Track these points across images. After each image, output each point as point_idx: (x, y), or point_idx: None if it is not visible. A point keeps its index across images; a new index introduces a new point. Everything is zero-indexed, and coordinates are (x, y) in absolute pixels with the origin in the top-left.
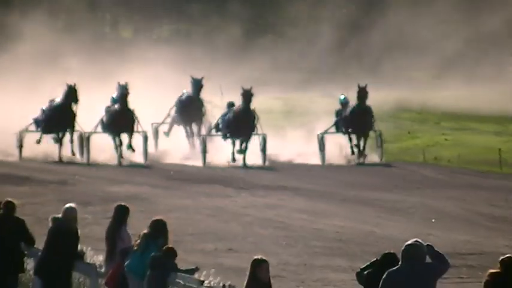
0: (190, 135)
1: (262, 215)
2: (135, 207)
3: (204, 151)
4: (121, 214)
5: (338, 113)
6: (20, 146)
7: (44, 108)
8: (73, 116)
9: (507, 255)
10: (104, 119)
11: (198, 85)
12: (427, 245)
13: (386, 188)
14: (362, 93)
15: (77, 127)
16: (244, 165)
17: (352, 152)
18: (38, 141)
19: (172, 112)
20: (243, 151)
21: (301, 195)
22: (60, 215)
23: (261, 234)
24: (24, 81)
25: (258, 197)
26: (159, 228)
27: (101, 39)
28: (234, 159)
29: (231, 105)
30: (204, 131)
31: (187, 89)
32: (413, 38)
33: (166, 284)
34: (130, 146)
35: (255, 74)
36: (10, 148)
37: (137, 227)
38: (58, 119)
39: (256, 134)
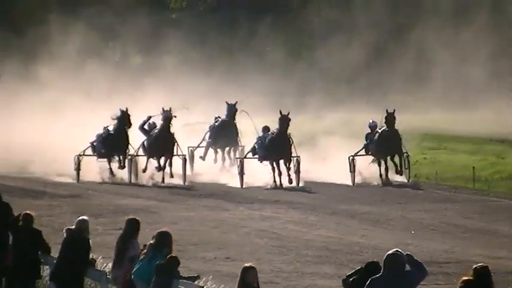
0: (223, 158)
1: (258, 226)
2: (142, 219)
3: (242, 173)
4: (132, 226)
5: (367, 137)
6: (78, 169)
7: (100, 133)
8: (127, 140)
9: (479, 264)
10: (146, 143)
11: (232, 110)
12: (407, 254)
13: (371, 202)
14: (390, 118)
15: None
16: (281, 186)
17: (381, 175)
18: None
19: (207, 137)
20: (281, 172)
21: (295, 208)
22: (73, 226)
23: (257, 244)
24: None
25: (254, 210)
26: (164, 239)
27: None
28: (275, 181)
29: (266, 129)
30: (238, 154)
31: (221, 114)
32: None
33: None
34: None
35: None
36: (68, 170)
37: (145, 237)
38: (113, 144)
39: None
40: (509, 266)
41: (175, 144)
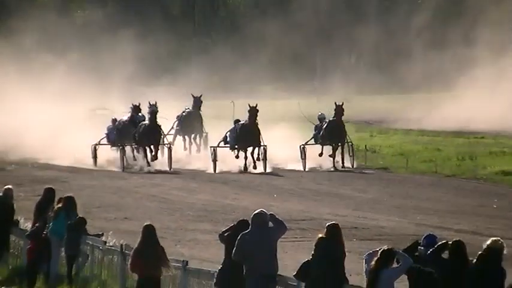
0: (189, 144)
1: (149, 192)
2: (55, 186)
3: (215, 160)
4: (49, 194)
5: (316, 128)
6: (95, 157)
7: (115, 124)
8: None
9: (331, 222)
10: (137, 134)
11: (198, 102)
12: (270, 213)
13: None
14: (338, 110)
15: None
16: (245, 170)
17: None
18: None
19: (175, 125)
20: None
21: (178, 177)
22: (0, 194)
23: (148, 206)
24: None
25: (146, 179)
26: (71, 203)
27: None
28: (245, 168)
29: (237, 121)
30: (202, 141)
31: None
32: None
33: (79, 243)
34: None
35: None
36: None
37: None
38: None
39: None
40: (352, 222)
41: (162, 134)
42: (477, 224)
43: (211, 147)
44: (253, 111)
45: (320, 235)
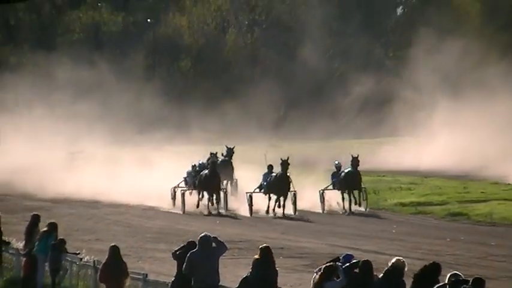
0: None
1: (116, 218)
2: (41, 214)
3: (251, 204)
4: (35, 219)
5: (333, 175)
6: (173, 198)
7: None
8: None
9: (264, 245)
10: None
11: (230, 151)
12: (213, 236)
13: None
14: (354, 161)
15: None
16: (284, 216)
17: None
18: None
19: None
20: (283, 206)
21: (137, 208)
22: None
23: (116, 230)
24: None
25: (114, 208)
26: (53, 227)
27: None
28: (274, 212)
29: (270, 167)
30: (232, 187)
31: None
32: None
33: (61, 260)
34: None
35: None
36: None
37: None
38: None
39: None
40: (280, 243)
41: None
42: (380, 245)
43: (247, 193)
44: (285, 164)
45: (256, 256)
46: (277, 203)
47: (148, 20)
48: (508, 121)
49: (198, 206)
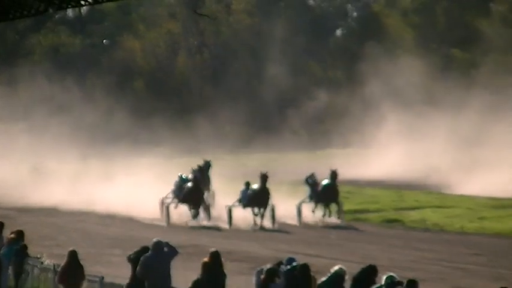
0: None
1: (75, 226)
2: (5, 222)
3: (230, 217)
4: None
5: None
6: (161, 209)
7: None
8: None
9: (213, 249)
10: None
11: (207, 165)
12: (166, 242)
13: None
14: (333, 175)
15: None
16: (261, 228)
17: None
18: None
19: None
20: (261, 217)
21: (95, 217)
22: None
23: (73, 236)
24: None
25: (73, 217)
26: (19, 235)
27: None
28: (255, 224)
29: (247, 184)
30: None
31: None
32: None
33: (23, 263)
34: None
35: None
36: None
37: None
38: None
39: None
40: (226, 248)
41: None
42: (320, 250)
43: (226, 206)
44: (264, 178)
45: (205, 259)
46: (258, 215)
47: (104, 41)
48: (452, 132)
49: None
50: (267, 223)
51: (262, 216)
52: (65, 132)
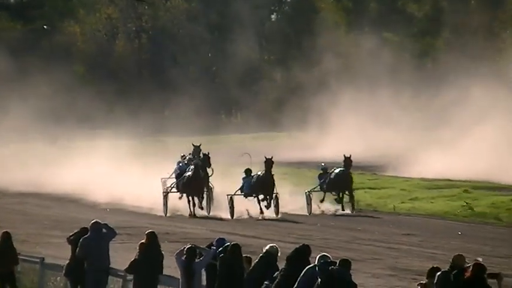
0: None
1: (17, 208)
2: None
3: (232, 206)
4: None
5: (320, 177)
6: (165, 204)
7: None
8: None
9: (149, 230)
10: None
11: (198, 151)
12: (104, 223)
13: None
14: (347, 162)
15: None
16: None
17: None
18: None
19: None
20: (268, 207)
21: (37, 198)
22: None
23: (17, 219)
24: None
25: (14, 198)
26: None
27: None
28: (262, 212)
29: (248, 170)
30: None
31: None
32: None
33: None
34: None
35: None
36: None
37: None
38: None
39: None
40: (165, 229)
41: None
42: (257, 231)
43: (228, 195)
44: (269, 163)
45: (142, 241)
46: (264, 204)
47: (45, 27)
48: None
49: (180, 198)
50: (267, 212)
51: (269, 204)
52: (8, 117)
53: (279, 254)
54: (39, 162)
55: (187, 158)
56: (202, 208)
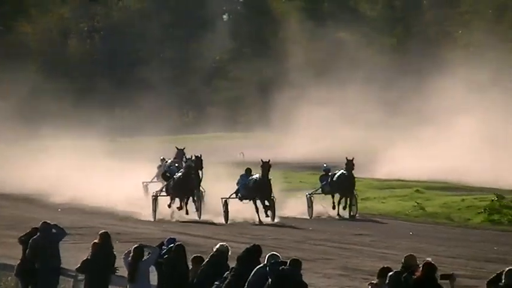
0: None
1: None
2: None
3: (227, 211)
4: None
5: (322, 179)
6: (154, 210)
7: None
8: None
9: (103, 230)
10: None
11: (182, 154)
12: (54, 223)
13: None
14: (349, 164)
15: None
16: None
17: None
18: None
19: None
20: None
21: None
22: None
23: None
24: None
25: None
26: None
27: None
28: (261, 222)
29: (248, 170)
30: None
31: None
32: None
33: None
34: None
35: None
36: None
37: None
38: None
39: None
40: (118, 229)
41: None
42: (209, 231)
43: (222, 198)
44: (266, 166)
45: (95, 240)
46: (263, 209)
47: None
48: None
49: (169, 206)
50: (263, 218)
51: (266, 209)
52: None
53: (229, 254)
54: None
55: (169, 161)
56: (187, 213)
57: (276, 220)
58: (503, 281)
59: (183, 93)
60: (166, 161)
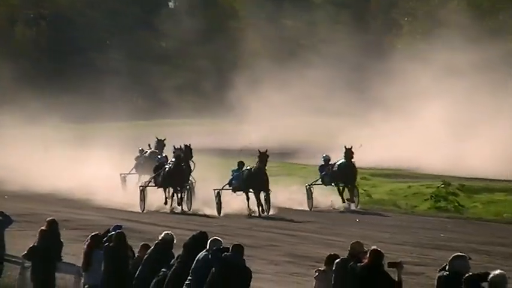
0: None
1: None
2: None
3: (219, 202)
4: None
5: (321, 169)
6: (143, 200)
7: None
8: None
9: (50, 218)
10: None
11: (162, 145)
12: (0, 211)
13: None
14: (348, 153)
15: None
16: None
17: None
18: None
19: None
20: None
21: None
22: None
23: None
24: None
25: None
26: None
27: None
28: (251, 210)
29: (241, 163)
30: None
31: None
32: None
33: None
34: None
35: None
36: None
37: None
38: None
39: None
40: (65, 216)
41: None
42: (157, 219)
43: (214, 190)
44: (264, 157)
45: (42, 227)
46: (257, 201)
47: None
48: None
49: (166, 203)
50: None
51: (259, 201)
52: None
53: (174, 241)
54: None
55: (148, 152)
56: (179, 204)
57: (271, 212)
58: (447, 267)
59: (137, 79)
60: (145, 152)
